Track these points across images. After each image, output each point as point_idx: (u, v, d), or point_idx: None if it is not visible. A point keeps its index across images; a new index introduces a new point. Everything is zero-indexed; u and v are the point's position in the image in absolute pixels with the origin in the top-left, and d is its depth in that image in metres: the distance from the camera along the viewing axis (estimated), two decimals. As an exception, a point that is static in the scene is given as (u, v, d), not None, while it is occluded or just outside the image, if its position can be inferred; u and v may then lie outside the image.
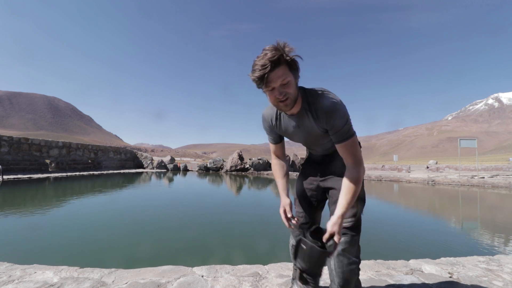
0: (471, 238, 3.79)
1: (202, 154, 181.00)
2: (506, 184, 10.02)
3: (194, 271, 1.80)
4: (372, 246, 3.23)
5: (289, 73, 0.99)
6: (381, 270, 1.92)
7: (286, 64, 0.97)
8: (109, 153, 18.91)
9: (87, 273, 1.73)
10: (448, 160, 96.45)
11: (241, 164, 17.75)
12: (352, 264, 1.15)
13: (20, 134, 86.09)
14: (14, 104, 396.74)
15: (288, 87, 0.99)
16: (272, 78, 0.97)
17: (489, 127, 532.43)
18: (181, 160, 36.56)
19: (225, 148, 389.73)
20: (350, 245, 1.15)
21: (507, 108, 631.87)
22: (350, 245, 1.14)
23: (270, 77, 0.96)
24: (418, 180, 12.54)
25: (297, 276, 1.43)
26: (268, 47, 0.96)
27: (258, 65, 0.95)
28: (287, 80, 0.98)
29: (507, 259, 2.26)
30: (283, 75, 0.97)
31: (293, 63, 0.99)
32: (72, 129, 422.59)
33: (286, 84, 0.99)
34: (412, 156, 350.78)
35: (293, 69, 1.00)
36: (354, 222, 1.17)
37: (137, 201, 6.43)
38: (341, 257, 1.14)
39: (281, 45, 0.96)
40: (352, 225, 1.16)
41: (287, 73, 0.98)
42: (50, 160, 13.88)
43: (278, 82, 0.98)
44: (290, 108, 1.07)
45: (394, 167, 22.59)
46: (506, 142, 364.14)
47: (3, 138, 12.20)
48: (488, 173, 15.21)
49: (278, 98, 1.01)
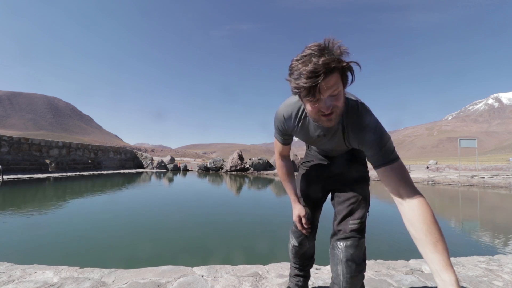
0: (471, 238, 3.79)
1: (202, 154, 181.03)
2: (506, 184, 10.02)
3: (194, 271, 1.80)
4: (372, 246, 3.22)
5: (341, 83, 0.80)
6: (381, 270, 1.92)
7: (339, 72, 0.78)
8: (109, 153, 18.92)
9: (87, 273, 1.73)
10: (448, 160, 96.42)
11: (241, 164, 17.76)
12: (361, 268, 1.09)
13: (20, 134, 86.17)
14: (14, 104, 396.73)
15: (337, 99, 0.81)
16: (322, 88, 0.76)
17: (489, 127, 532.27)
18: (181, 160, 36.56)
19: (225, 148, 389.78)
20: (358, 249, 1.08)
21: (507, 108, 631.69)
22: (357, 249, 1.08)
23: (321, 87, 0.76)
24: (418, 180, 12.54)
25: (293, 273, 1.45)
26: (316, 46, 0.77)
27: (307, 70, 0.74)
28: (337, 91, 0.79)
29: (507, 259, 2.26)
30: (334, 85, 0.78)
31: (348, 71, 0.80)
32: (72, 129, 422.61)
33: (336, 96, 0.80)
34: (412, 156, 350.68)
35: (345, 78, 0.81)
36: (361, 224, 1.12)
37: (137, 201, 6.43)
38: (350, 262, 1.06)
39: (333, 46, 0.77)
40: (359, 227, 1.11)
41: (339, 82, 0.79)
42: (50, 160, 13.88)
43: (327, 93, 0.78)
44: (334, 124, 0.89)
45: (394, 167, 22.54)
46: (506, 142, 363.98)
47: (3, 138, 12.20)
48: (488, 173, 15.21)
49: (322, 112, 0.83)
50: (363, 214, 1.13)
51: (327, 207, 1.35)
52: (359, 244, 1.08)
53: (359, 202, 1.14)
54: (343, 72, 0.80)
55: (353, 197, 1.16)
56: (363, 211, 1.13)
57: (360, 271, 1.08)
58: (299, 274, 1.41)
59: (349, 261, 1.06)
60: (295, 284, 1.41)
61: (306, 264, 1.40)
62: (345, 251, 1.07)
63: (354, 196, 1.15)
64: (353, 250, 1.07)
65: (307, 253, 1.35)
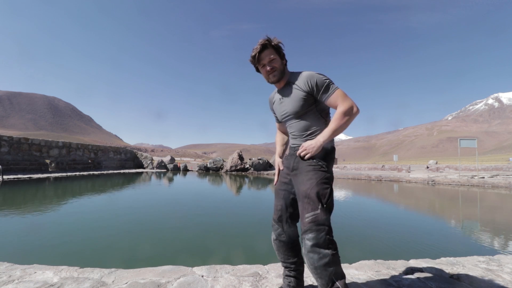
0: (471, 238, 3.79)
1: (202, 154, 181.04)
2: (506, 184, 10.02)
3: (194, 271, 1.80)
4: (372, 246, 3.23)
5: (275, 54, 1.37)
6: (381, 270, 1.92)
7: (272, 48, 1.36)
8: (109, 153, 18.92)
9: (87, 273, 1.73)
10: (448, 160, 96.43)
11: (241, 164, 17.76)
12: (323, 258, 1.14)
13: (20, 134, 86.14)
14: (14, 104, 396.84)
15: (275, 62, 1.37)
16: (262, 57, 1.37)
17: (489, 127, 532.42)
18: (181, 160, 36.55)
19: (225, 148, 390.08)
20: (316, 240, 1.16)
21: (507, 108, 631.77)
22: (315, 240, 1.16)
23: (261, 56, 1.37)
24: (418, 180, 12.54)
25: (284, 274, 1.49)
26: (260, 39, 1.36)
27: (253, 49, 1.38)
28: (273, 58, 1.36)
29: (507, 259, 2.26)
30: (270, 54, 1.36)
31: (277, 47, 1.37)
32: (72, 129, 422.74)
33: (273, 60, 1.37)
34: (412, 156, 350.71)
35: (278, 52, 1.38)
36: (315, 216, 1.20)
37: (137, 201, 6.43)
38: (311, 253, 1.16)
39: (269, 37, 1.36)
40: (312, 219, 1.19)
41: (273, 53, 1.37)
42: (50, 160, 13.88)
43: (266, 59, 1.36)
44: (277, 79, 1.40)
45: (394, 167, 22.60)
46: (506, 142, 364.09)
47: (3, 138, 12.20)
48: (488, 173, 15.21)
49: (268, 71, 1.38)
50: (315, 207, 1.21)
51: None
52: (317, 236, 1.16)
53: (311, 196, 1.23)
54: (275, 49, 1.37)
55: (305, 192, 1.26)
56: (316, 204, 1.21)
57: (322, 259, 1.14)
58: (289, 275, 1.45)
59: (310, 253, 1.17)
60: (287, 284, 1.44)
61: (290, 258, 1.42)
62: (306, 244, 1.19)
63: (306, 191, 1.26)
64: (312, 242, 1.16)
65: (287, 246, 1.40)
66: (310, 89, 1.31)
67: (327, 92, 1.28)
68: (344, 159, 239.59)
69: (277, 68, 1.37)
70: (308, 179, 1.27)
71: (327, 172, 1.30)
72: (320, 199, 1.22)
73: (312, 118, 1.36)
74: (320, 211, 1.20)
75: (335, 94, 1.27)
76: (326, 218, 1.20)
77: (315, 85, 1.29)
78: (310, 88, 1.30)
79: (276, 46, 1.36)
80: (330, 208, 1.24)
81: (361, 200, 7.66)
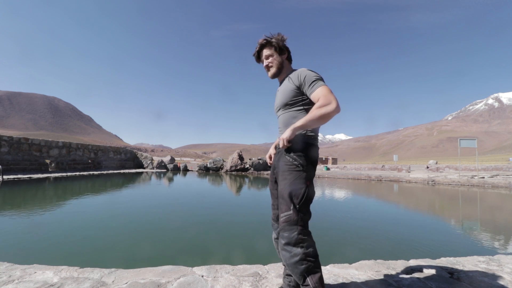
0: (471, 238, 3.79)
1: (202, 154, 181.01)
2: (506, 184, 10.02)
3: (194, 271, 1.80)
4: (372, 246, 3.23)
5: (273, 51, 1.48)
6: (381, 270, 1.92)
7: (271, 46, 1.48)
8: (109, 153, 18.92)
9: (87, 273, 1.73)
10: (448, 160, 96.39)
11: (241, 164, 17.76)
12: (294, 257, 1.19)
13: (20, 134, 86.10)
14: (14, 104, 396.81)
15: (272, 57, 1.49)
16: (262, 55, 1.52)
17: (489, 127, 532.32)
18: (181, 160, 36.54)
19: (225, 148, 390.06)
20: (289, 239, 1.22)
21: (507, 108, 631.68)
22: (289, 239, 1.22)
23: (260, 54, 1.53)
24: (418, 180, 12.54)
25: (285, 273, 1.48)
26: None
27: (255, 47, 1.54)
28: (270, 54, 1.49)
29: (507, 259, 2.26)
30: (268, 51, 1.49)
31: (276, 45, 1.47)
32: (72, 129, 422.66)
33: (270, 57, 1.49)
34: (412, 156, 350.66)
35: (277, 50, 1.47)
36: (288, 216, 1.24)
37: (137, 201, 6.43)
38: (283, 251, 1.24)
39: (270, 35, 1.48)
40: (287, 219, 1.24)
41: (271, 50, 1.48)
42: (50, 160, 13.88)
43: (264, 57, 1.51)
44: (274, 74, 1.51)
45: (394, 167, 22.59)
46: (506, 142, 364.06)
47: (3, 138, 12.20)
48: (488, 173, 15.21)
49: (267, 65, 1.51)
50: (288, 207, 1.26)
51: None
52: (289, 235, 1.23)
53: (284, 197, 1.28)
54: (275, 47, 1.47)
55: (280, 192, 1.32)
56: (289, 204, 1.26)
57: (293, 257, 1.20)
58: (290, 274, 1.45)
59: (282, 250, 1.25)
60: (287, 284, 1.44)
61: None
62: (280, 243, 1.27)
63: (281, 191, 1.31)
64: (284, 240, 1.23)
65: None
66: (299, 83, 1.36)
67: (313, 87, 1.31)
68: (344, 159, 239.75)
69: (274, 64, 1.48)
70: (283, 179, 1.31)
71: (304, 171, 1.29)
72: (292, 199, 1.25)
73: (297, 111, 1.39)
74: (293, 211, 1.24)
75: (319, 89, 1.29)
76: (298, 218, 1.24)
77: (304, 79, 1.34)
78: (300, 82, 1.36)
79: (275, 43, 1.46)
80: (303, 208, 1.26)
81: (361, 200, 7.66)
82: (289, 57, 1.52)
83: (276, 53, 1.47)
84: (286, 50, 1.49)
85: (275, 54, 1.48)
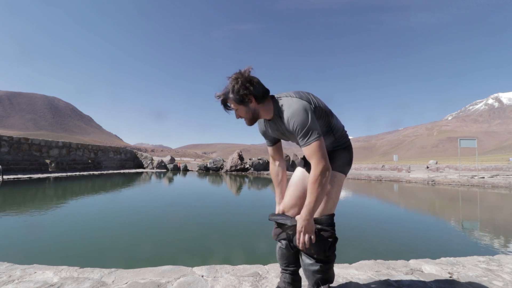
0: (471, 238, 3.79)
1: (202, 154, 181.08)
2: (506, 184, 10.02)
3: (194, 271, 1.80)
4: (372, 246, 3.23)
5: (236, 104, 1.26)
6: (381, 270, 1.92)
7: (233, 100, 1.24)
8: (109, 153, 18.92)
9: (87, 273, 1.73)
10: (448, 160, 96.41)
11: (241, 164, 17.75)
12: (313, 266, 1.25)
13: (20, 134, 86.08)
14: (14, 104, 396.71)
15: (239, 112, 1.29)
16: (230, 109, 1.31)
17: (489, 127, 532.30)
18: (181, 160, 36.55)
19: (225, 148, 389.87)
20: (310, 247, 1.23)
21: (507, 108, 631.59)
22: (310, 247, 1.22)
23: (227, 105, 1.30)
24: (418, 180, 12.54)
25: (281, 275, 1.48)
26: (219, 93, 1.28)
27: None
28: (235, 108, 1.28)
29: (507, 259, 2.26)
30: (232, 104, 1.27)
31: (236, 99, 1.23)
32: (72, 129, 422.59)
33: (237, 111, 1.29)
34: (412, 156, 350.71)
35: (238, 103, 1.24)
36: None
37: (137, 201, 6.43)
38: (304, 256, 1.29)
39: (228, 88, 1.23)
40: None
41: (235, 104, 1.26)
42: (50, 160, 13.88)
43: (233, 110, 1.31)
44: (249, 123, 1.34)
45: (394, 167, 22.59)
46: (506, 142, 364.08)
47: (3, 138, 12.20)
48: (488, 173, 15.21)
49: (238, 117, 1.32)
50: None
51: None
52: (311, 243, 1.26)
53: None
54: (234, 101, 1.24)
55: None
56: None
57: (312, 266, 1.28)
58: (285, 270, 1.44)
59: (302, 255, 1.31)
60: (282, 280, 1.44)
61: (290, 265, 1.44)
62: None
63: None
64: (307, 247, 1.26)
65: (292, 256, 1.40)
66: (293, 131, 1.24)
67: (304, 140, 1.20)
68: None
69: (243, 116, 1.29)
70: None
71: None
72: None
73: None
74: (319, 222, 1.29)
75: (310, 147, 1.18)
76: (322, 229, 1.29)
77: (295, 130, 1.21)
78: (292, 130, 1.23)
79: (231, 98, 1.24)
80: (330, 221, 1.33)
81: (361, 200, 7.66)
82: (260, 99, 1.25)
83: (240, 105, 1.25)
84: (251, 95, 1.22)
85: (239, 106, 1.26)
